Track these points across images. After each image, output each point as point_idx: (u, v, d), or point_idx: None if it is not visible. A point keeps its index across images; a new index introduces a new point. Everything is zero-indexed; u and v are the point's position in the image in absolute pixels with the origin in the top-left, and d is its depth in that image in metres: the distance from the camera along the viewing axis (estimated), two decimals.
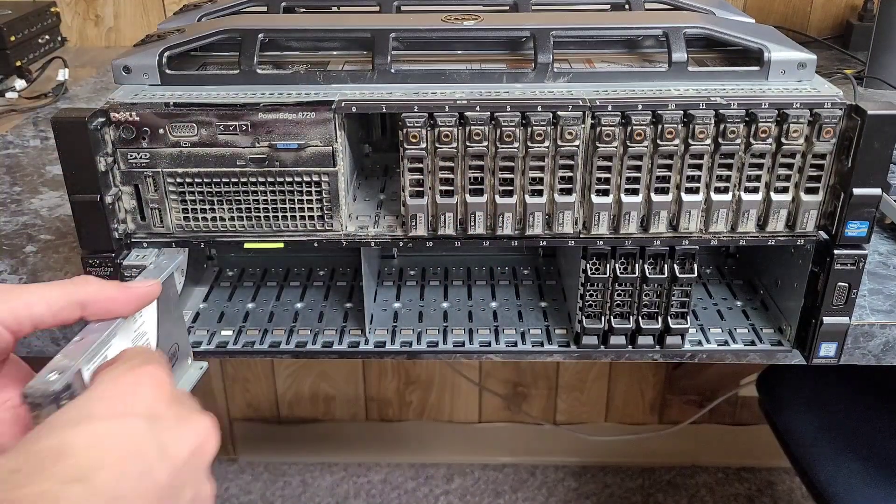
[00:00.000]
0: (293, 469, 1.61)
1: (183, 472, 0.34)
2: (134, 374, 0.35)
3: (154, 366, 0.37)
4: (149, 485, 0.32)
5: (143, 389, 0.35)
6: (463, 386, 1.58)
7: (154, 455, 0.32)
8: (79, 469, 0.30)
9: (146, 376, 0.36)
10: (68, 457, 0.30)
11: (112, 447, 0.31)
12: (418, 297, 0.68)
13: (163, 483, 0.32)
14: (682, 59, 0.54)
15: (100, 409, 0.33)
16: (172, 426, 0.34)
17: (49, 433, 0.31)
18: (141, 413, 0.33)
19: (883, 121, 0.49)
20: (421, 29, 0.57)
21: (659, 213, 0.53)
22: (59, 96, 1.02)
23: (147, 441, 0.32)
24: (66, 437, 0.31)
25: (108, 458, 0.31)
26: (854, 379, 1.01)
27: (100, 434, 0.31)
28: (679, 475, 1.59)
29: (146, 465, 0.32)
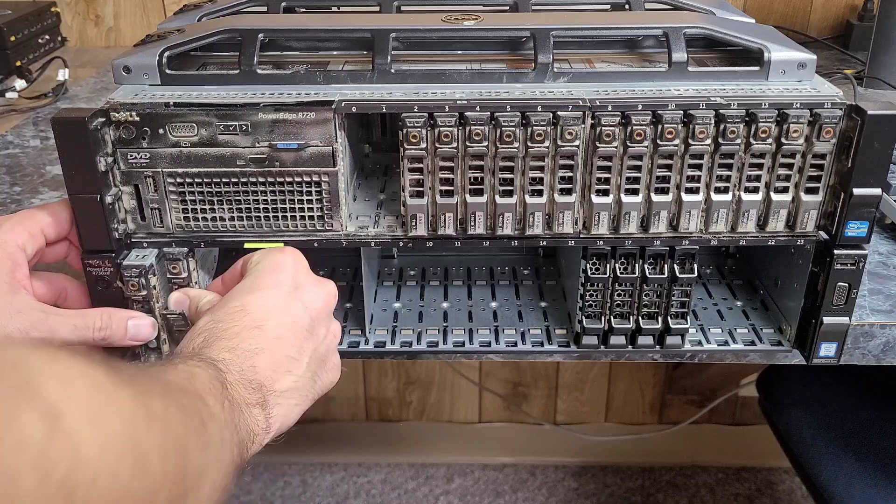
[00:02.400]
0: (293, 469, 1.61)
1: (318, 318, 0.50)
2: (283, 254, 0.52)
3: (291, 250, 0.52)
4: (297, 328, 0.48)
5: (289, 266, 0.51)
6: (463, 386, 1.58)
7: (300, 309, 0.49)
8: (255, 320, 0.47)
9: (290, 258, 0.51)
10: (248, 312, 0.47)
11: (273, 306, 0.48)
12: (418, 297, 0.68)
13: (306, 326, 0.49)
14: (682, 59, 0.54)
15: (264, 282, 0.49)
16: (309, 289, 0.51)
17: (234, 297, 0.48)
18: (288, 282, 0.50)
19: (883, 121, 0.49)
20: (421, 29, 0.57)
21: (659, 213, 0.53)
22: (59, 96, 1.02)
23: (294, 301, 0.49)
24: (245, 300, 0.48)
25: (272, 312, 0.47)
26: (854, 379, 1.01)
27: (266, 298, 0.48)
28: (679, 475, 1.59)
29: (295, 316, 0.48)
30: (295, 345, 0.48)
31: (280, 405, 0.46)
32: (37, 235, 0.51)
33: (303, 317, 0.49)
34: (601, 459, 1.61)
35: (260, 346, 0.46)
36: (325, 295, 0.52)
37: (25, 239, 0.50)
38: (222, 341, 0.45)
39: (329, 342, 0.52)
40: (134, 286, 0.53)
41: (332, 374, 0.52)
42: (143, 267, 0.53)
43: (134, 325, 0.53)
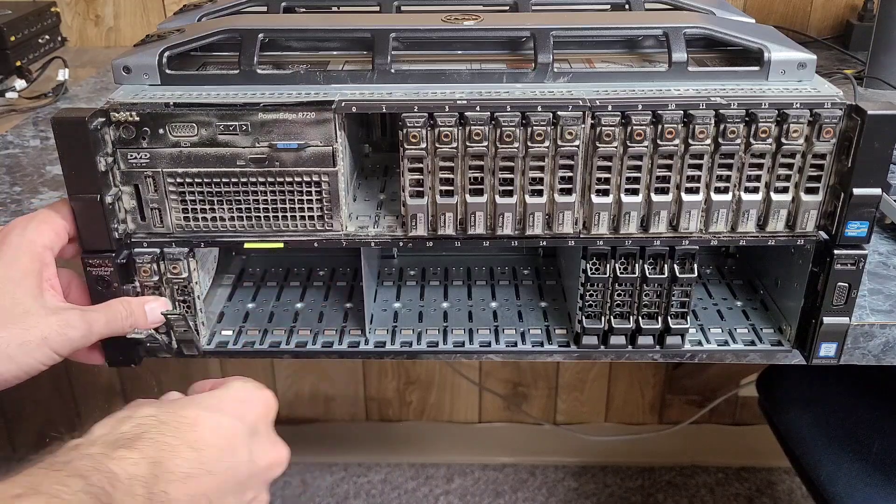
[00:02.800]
0: (293, 469, 1.61)
1: (255, 477, 0.47)
2: (258, 393, 0.50)
3: (270, 393, 0.51)
4: (232, 473, 0.44)
5: (258, 407, 0.49)
6: (463, 386, 1.58)
7: (244, 455, 0.46)
8: (198, 441, 0.43)
9: (264, 399, 0.50)
10: (196, 429, 0.44)
11: (224, 437, 0.45)
12: (418, 297, 0.68)
13: (241, 477, 0.45)
14: (682, 59, 0.54)
15: (227, 407, 0.47)
16: (263, 443, 0.48)
17: (189, 405, 0.45)
18: (249, 423, 0.47)
19: (883, 121, 0.49)
20: (421, 29, 0.57)
21: (659, 213, 0.53)
22: (59, 96, 1.02)
23: (245, 444, 0.46)
24: (199, 416, 0.45)
25: (218, 443, 0.44)
26: (854, 379, 1.01)
27: (220, 424, 0.45)
28: (679, 475, 1.59)
29: (237, 459, 0.45)
30: (220, 488, 0.44)
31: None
32: (61, 234, 0.51)
33: (243, 467, 0.45)
34: (601, 459, 1.61)
35: (187, 471, 0.42)
36: (274, 460, 0.49)
37: (52, 238, 0.50)
38: (151, 447, 0.41)
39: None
40: (146, 272, 0.55)
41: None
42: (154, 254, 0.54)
43: (150, 308, 0.54)
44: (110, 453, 0.40)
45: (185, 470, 0.42)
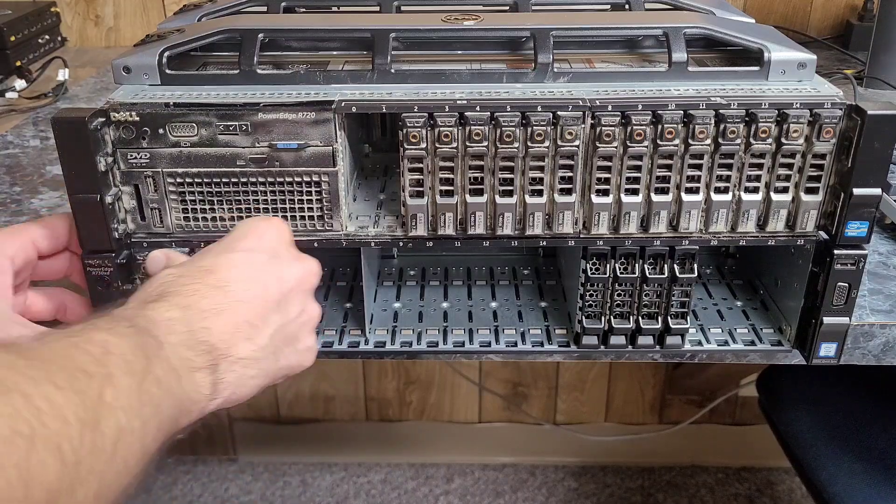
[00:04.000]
0: (293, 469, 1.61)
1: (291, 293, 0.48)
2: (266, 222, 0.50)
3: (278, 219, 0.51)
4: (265, 297, 0.46)
5: (270, 233, 0.49)
6: (463, 386, 1.58)
7: (272, 279, 0.47)
8: (219, 280, 0.44)
9: (274, 226, 0.50)
10: (215, 273, 0.45)
11: (243, 269, 0.46)
12: (418, 297, 0.68)
13: (275, 297, 0.46)
14: (682, 59, 0.54)
15: (240, 245, 0.47)
16: (286, 262, 0.48)
17: (205, 256, 0.47)
18: (266, 249, 0.48)
19: (883, 121, 0.49)
20: (421, 29, 0.57)
21: (659, 213, 0.53)
22: (59, 96, 1.02)
23: (267, 269, 0.47)
24: (215, 260, 0.46)
25: (240, 276, 0.45)
26: (854, 379, 1.01)
27: (237, 261, 0.46)
28: (679, 475, 1.59)
29: (265, 284, 0.46)
30: (259, 313, 0.45)
31: (234, 372, 0.43)
32: (27, 246, 0.51)
33: (273, 287, 0.47)
34: (601, 459, 1.61)
35: (219, 306, 0.43)
36: (304, 272, 0.49)
37: (15, 250, 0.50)
38: (178, 297, 0.43)
39: (302, 322, 0.49)
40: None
41: (303, 358, 0.50)
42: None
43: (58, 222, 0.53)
44: (142, 308, 0.42)
45: (215, 306, 0.43)
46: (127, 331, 0.39)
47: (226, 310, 0.43)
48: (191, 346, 0.41)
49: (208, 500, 1.54)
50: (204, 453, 1.63)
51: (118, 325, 0.39)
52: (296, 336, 0.49)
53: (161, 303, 0.42)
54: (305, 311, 0.49)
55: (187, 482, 1.58)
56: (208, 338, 0.42)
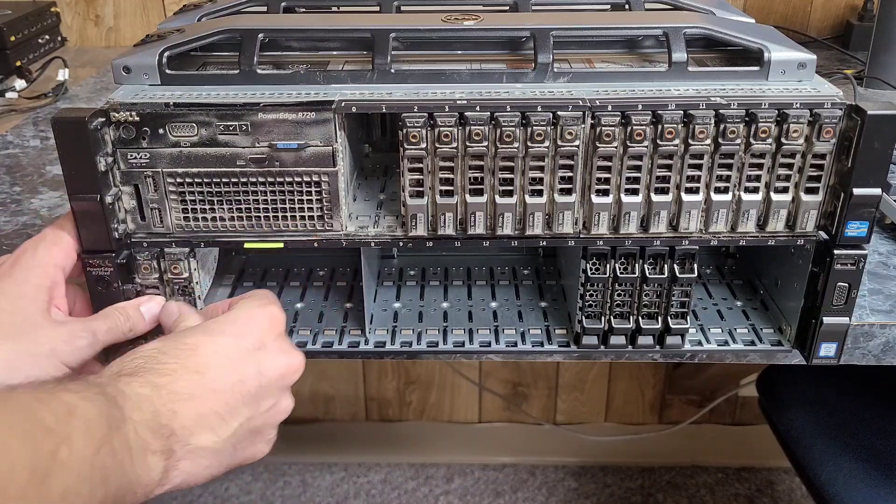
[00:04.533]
0: (293, 469, 1.61)
1: (268, 388, 0.47)
2: (261, 310, 0.50)
3: (275, 307, 0.51)
4: (239, 388, 0.46)
5: (262, 323, 0.49)
6: (463, 386, 1.58)
7: (251, 371, 0.46)
8: (199, 364, 0.44)
9: (268, 315, 0.50)
10: (196, 354, 0.45)
11: (224, 357, 0.45)
12: (418, 297, 0.68)
13: (251, 390, 0.46)
14: (682, 59, 0.54)
15: (229, 329, 0.47)
16: (271, 355, 0.48)
17: (192, 334, 0.46)
18: (253, 340, 0.47)
19: (883, 121, 0.49)
20: (421, 29, 0.57)
21: (659, 213, 0.53)
22: (59, 96, 1.02)
23: (249, 359, 0.46)
24: (199, 340, 0.46)
25: (220, 363, 0.45)
26: (854, 379, 1.01)
27: (221, 346, 0.46)
28: (679, 475, 1.59)
29: (243, 375, 0.46)
30: (229, 404, 0.45)
31: (188, 460, 0.43)
32: (70, 253, 0.52)
33: (251, 381, 0.46)
34: (601, 459, 1.61)
35: (191, 392, 0.43)
36: (286, 368, 0.49)
37: (62, 258, 0.51)
38: (153, 374, 0.43)
39: (271, 416, 0.49)
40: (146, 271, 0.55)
41: (261, 448, 0.50)
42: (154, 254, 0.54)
43: (146, 309, 0.54)
44: (115, 380, 0.41)
45: (188, 391, 0.43)
46: (95, 397, 0.39)
47: (197, 396, 0.44)
48: (152, 429, 0.41)
49: (208, 500, 1.54)
50: None
51: (88, 391, 0.39)
52: (260, 430, 0.49)
53: (135, 378, 0.42)
54: (277, 406, 0.49)
55: None
56: (171, 422, 0.42)
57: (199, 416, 0.43)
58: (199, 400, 0.43)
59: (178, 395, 0.43)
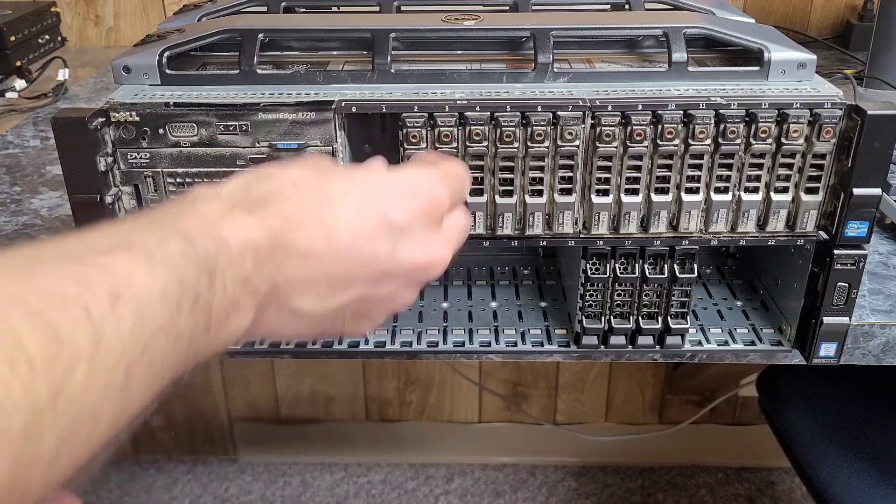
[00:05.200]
0: (293, 469, 1.61)
1: (395, 275, 0.40)
2: (429, 188, 0.41)
3: (444, 193, 0.42)
4: (362, 264, 0.38)
5: (421, 204, 0.40)
6: (463, 386, 1.58)
7: (384, 249, 0.39)
8: (331, 221, 0.37)
9: (432, 198, 0.41)
10: (335, 209, 0.38)
11: (363, 224, 0.38)
12: (418, 297, 0.68)
13: (375, 270, 0.39)
14: (682, 59, 0.54)
15: (385, 196, 0.39)
16: (415, 241, 0.40)
17: (344, 181, 0.39)
18: (404, 218, 0.39)
19: (883, 121, 0.49)
20: (421, 29, 0.57)
21: (659, 213, 0.53)
22: (59, 96, 1.02)
23: (387, 239, 0.39)
24: (346, 196, 0.38)
25: (355, 227, 0.38)
26: (854, 379, 1.01)
27: (364, 210, 0.38)
28: (679, 475, 1.59)
29: (372, 251, 0.38)
30: (348, 277, 0.38)
31: (279, 318, 0.38)
32: None
33: (381, 260, 0.39)
34: (601, 459, 1.61)
35: (310, 249, 0.37)
36: (425, 261, 0.41)
37: None
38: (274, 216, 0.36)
39: (385, 303, 0.42)
40: None
41: (361, 328, 0.43)
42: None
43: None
44: (226, 215, 0.35)
45: (306, 247, 0.36)
46: (170, 259, 0.31)
47: (315, 256, 0.37)
48: (248, 284, 0.34)
49: (208, 500, 1.54)
50: (204, 453, 1.63)
51: (162, 247, 0.31)
52: (368, 312, 0.42)
53: (252, 216, 0.35)
54: (396, 296, 0.42)
55: (187, 482, 1.58)
56: (275, 277, 0.36)
57: (309, 278, 0.37)
58: (316, 261, 0.37)
59: (294, 249, 0.36)
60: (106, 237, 0.31)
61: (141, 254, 0.30)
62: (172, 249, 0.31)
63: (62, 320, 0.26)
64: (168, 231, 0.32)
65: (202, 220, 0.34)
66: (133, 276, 0.29)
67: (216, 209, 0.35)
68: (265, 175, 0.38)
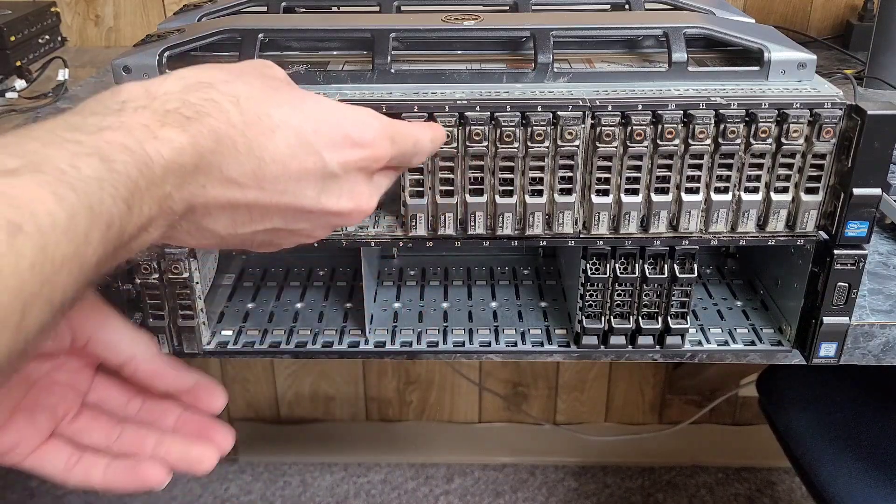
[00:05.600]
0: (293, 469, 1.61)
1: (313, 215, 0.39)
2: (373, 137, 0.40)
3: (387, 146, 0.40)
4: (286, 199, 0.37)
5: (362, 152, 0.39)
6: (463, 386, 1.58)
7: (311, 191, 0.38)
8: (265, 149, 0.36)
9: (373, 148, 0.40)
10: (272, 138, 0.36)
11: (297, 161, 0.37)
12: (418, 297, 0.68)
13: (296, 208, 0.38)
14: (682, 59, 0.54)
15: (325, 133, 0.38)
16: (342, 187, 0.39)
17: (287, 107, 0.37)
18: (338, 163, 0.38)
19: (883, 121, 0.49)
20: (421, 29, 0.57)
21: (659, 213, 0.53)
22: (59, 96, 1.02)
23: (316, 181, 0.38)
24: (285, 126, 0.37)
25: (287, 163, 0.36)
26: (854, 379, 1.01)
27: (300, 148, 0.37)
28: (679, 475, 1.59)
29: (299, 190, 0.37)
30: (267, 211, 0.38)
31: (186, 234, 0.37)
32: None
33: (304, 199, 0.38)
34: (601, 459, 1.61)
35: (234, 177, 0.35)
36: (347, 207, 0.40)
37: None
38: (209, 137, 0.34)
39: (293, 236, 0.41)
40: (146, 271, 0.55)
41: (263, 249, 0.42)
42: (154, 253, 0.54)
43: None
44: (156, 129, 0.32)
45: (233, 175, 0.35)
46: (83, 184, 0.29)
47: (239, 186, 0.36)
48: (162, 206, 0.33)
49: (208, 500, 1.54)
50: None
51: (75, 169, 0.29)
52: (274, 242, 0.41)
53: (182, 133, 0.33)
54: (310, 233, 0.41)
55: (187, 482, 1.58)
56: (194, 198, 0.35)
57: (228, 204, 0.36)
58: (239, 190, 0.36)
59: (220, 173, 0.35)
60: (14, 154, 0.28)
61: (50, 177, 0.28)
62: (86, 172, 0.29)
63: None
64: (85, 147, 0.30)
65: (126, 135, 0.31)
66: (38, 203, 0.27)
67: (145, 121, 0.33)
68: (207, 82, 0.36)
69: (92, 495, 1.54)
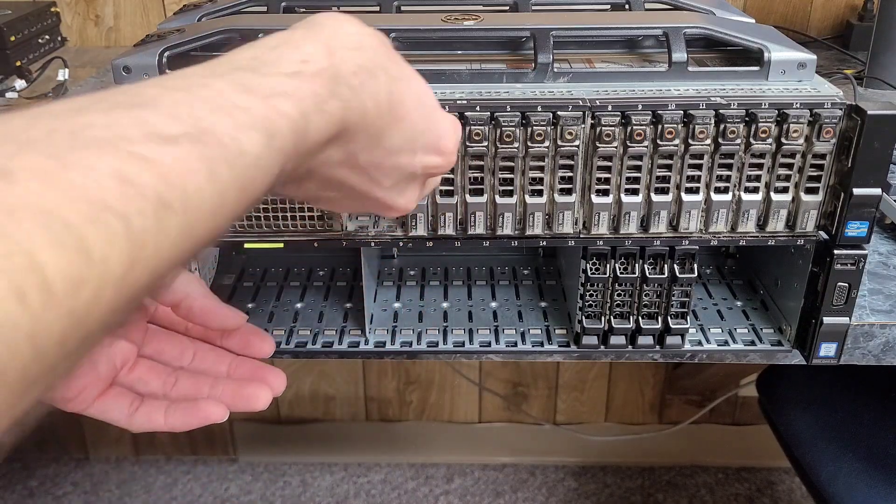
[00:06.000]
0: (293, 469, 1.61)
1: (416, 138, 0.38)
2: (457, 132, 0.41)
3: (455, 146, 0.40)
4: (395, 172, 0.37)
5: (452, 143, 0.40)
6: (463, 386, 1.58)
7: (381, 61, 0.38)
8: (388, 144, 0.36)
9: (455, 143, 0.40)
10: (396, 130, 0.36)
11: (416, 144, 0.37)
12: (418, 297, 0.68)
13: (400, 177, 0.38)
14: (682, 59, 0.54)
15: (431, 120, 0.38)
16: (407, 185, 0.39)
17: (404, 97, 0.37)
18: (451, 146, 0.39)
19: (883, 121, 0.49)
20: (421, 29, 0.57)
21: (659, 213, 0.53)
22: (59, 96, 1.02)
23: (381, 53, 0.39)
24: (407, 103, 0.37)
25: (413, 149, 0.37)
26: (854, 379, 1.01)
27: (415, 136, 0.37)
28: (679, 475, 1.59)
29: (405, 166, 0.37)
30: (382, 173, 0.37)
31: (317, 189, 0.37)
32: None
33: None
34: (601, 459, 1.61)
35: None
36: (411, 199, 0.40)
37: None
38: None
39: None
40: None
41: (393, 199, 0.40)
42: None
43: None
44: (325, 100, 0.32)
45: (356, 159, 0.35)
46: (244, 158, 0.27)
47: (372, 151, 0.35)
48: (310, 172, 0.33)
49: (208, 500, 1.54)
50: (204, 453, 1.63)
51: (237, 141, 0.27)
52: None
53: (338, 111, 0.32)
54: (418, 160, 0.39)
55: (187, 482, 1.58)
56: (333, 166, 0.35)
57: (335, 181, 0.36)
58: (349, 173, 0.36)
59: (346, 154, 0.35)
60: (177, 116, 0.26)
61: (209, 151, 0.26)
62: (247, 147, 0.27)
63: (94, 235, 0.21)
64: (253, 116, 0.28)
65: (295, 106, 0.30)
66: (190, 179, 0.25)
67: (318, 89, 0.31)
68: (381, 51, 0.38)
69: (92, 495, 1.54)
